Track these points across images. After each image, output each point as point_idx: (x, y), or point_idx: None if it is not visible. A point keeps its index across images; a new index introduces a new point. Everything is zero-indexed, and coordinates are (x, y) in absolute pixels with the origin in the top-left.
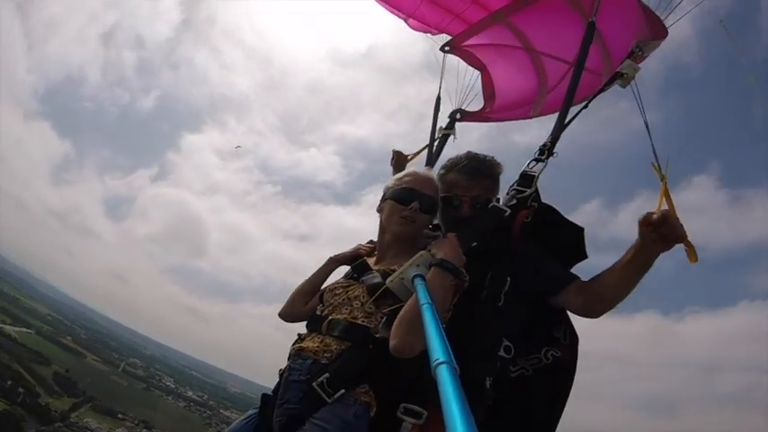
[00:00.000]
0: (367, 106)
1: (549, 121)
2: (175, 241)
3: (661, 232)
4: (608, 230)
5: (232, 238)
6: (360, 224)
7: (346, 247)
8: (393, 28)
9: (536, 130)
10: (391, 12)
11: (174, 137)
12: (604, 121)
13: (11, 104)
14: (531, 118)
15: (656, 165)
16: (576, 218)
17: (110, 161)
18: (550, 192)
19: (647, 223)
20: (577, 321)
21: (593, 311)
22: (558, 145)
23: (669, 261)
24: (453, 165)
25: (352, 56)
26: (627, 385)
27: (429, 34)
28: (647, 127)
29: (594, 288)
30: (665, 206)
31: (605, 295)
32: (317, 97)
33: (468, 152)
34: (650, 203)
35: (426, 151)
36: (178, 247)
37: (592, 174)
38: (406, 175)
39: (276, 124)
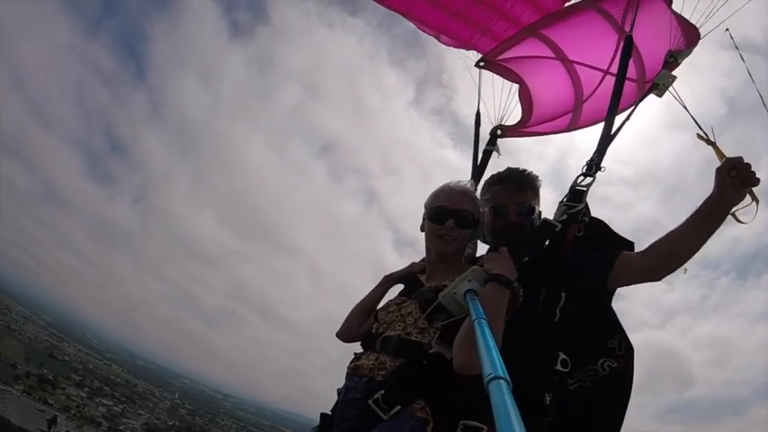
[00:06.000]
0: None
1: None
2: (661, 383)
3: (743, 175)
4: None
5: (712, 350)
6: None
7: None
8: (675, 150)
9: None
10: (422, 30)
11: None
12: None
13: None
14: (568, 131)
15: (701, 134)
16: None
17: None
18: None
19: (729, 168)
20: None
21: (662, 270)
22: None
23: None
24: (497, 179)
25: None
26: None
27: (462, 50)
28: (695, 122)
29: (665, 246)
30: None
31: (678, 251)
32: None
33: (509, 167)
34: None
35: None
36: (666, 386)
37: None
38: (440, 192)
39: None
